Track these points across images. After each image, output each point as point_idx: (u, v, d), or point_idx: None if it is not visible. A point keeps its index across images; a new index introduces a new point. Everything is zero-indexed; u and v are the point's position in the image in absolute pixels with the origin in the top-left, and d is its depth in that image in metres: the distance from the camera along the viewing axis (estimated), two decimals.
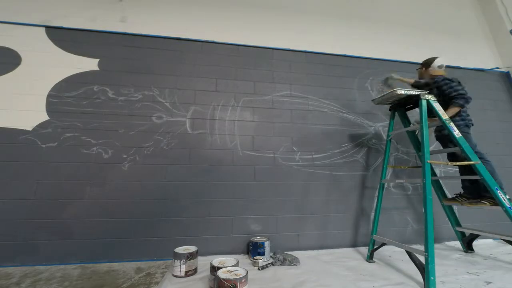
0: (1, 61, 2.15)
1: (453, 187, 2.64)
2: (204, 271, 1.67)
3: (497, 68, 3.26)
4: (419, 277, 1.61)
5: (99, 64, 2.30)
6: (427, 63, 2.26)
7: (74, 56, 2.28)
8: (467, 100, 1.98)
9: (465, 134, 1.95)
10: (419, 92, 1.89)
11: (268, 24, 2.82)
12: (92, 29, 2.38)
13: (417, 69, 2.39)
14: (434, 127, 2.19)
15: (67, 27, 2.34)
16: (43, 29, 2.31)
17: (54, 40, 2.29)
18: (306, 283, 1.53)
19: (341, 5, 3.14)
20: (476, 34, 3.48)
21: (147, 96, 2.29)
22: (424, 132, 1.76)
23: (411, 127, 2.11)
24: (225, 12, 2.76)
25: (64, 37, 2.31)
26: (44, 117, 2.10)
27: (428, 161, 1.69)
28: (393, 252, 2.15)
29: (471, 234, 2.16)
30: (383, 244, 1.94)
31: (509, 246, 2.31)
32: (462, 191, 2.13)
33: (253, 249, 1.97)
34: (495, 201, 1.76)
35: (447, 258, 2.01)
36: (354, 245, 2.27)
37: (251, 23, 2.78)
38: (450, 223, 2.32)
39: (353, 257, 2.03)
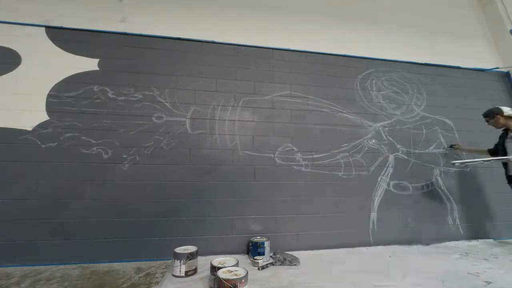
0: (1, 61, 2.15)
1: (453, 187, 2.65)
2: (204, 271, 1.67)
3: (497, 68, 3.26)
4: (420, 278, 1.61)
5: (99, 64, 2.30)
6: (499, 112, 2.26)
7: (74, 56, 2.28)
8: None
9: None
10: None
11: (268, 24, 2.82)
12: (92, 29, 2.37)
13: (488, 121, 2.36)
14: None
15: (67, 27, 2.34)
16: (43, 29, 2.31)
17: (54, 40, 2.29)
18: (306, 283, 1.53)
19: (341, 5, 3.14)
20: (476, 34, 3.48)
21: (147, 96, 2.29)
22: None
23: None
24: (225, 12, 2.76)
25: (64, 37, 2.31)
26: (44, 117, 2.09)
27: None
28: (393, 252, 2.15)
29: None
30: None
31: (509, 246, 2.32)
32: None
33: (253, 249, 1.97)
34: None
35: (448, 258, 2.01)
36: (354, 245, 2.27)
37: (251, 23, 2.77)
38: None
39: (353, 257, 2.03)
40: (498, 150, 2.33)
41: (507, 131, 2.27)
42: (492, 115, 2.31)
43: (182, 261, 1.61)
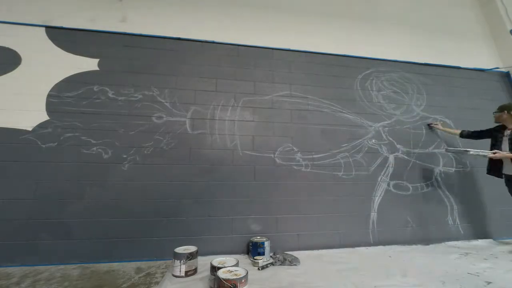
0: (1, 61, 2.15)
1: (453, 187, 2.65)
2: (204, 271, 1.67)
3: (497, 68, 3.26)
4: (420, 278, 1.61)
5: (99, 64, 2.30)
6: (507, 108, 2.27)
7: (74, 56, 2.28)
8: None
9: None
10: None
11: (268, 24, 2.82)
12: (92, 29, 2.37)
13: (494, 113, 2.37)
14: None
15: (67, 27, 2.34)
16: (43, 29, 2.30)
17: (54, 40, 2.29)
18: (306, 283, 1.53)
19: (341, 5, 3.14)
20: (476, 34, 3.48)
21: (147, 96, 2.29)
22: None
23: None
24: (225, 12, 2.76)
25: (64, 37, 2.31)
26: (44, 117, 2.09)
27: None
28: (393, 252, 2.15)
29: None
30: None
31: (509, 246, 2.32)
32: None
33: (253, 249, 1.97)
34: None
35: (448, 258, 2.01)
36: (354, 245, 2.27)
37: (251, 23, 2.77)
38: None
39: (353, 257, 2.03)
40: (481, 137, 2.47)
41: (504, 127, 2.29)
42: (500, 109, 2.32)
43: (182, 261, 1.61)
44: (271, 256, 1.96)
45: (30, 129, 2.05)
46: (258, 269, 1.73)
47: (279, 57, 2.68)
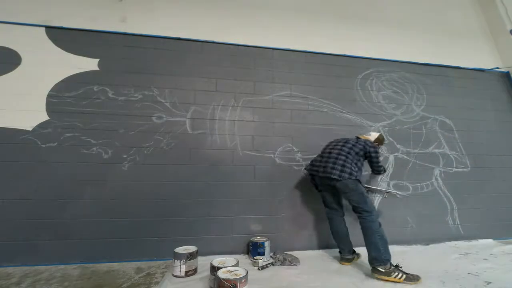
0: (1, 61, 2.15)
1: (453, 187, 2.65)
2: (204, 271, 1.67)
3: (497, 68, 3.26)
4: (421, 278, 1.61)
5: (99, 64, 2.30)
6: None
7: (74, 56, 2.28)
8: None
9: None
10: None
11: (268, 24, 2.82)
12: (92, 29, 2.37)
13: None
14: None
15: (67, 27, 2.34)
16: (43, 29, 2.30)
17: (54, 40, 2.29)
18: (306, 283, 1.53)
19: (341, 5, 3.14)
20: (476, 34, 3.48)
21: (147, 96, 2.29)
22: None
23: None
24: (225, 12, 2.75)
25: (64, 37, 2.31)
26: (44, 117, 2.09)
27: None
28: (393, 252, 2.14)
29: None
30: None
31: (509, 246, 2.31)
32: None
33: (253, 249, 1.97)
34: None
35: (447, 258, 2.01)
36: (354, 245, 2.26)
37: (251, 23, 2.77)
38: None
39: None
40: None
41: None
42: None
43: (182, 261, 1.61)
44: (271, 256, 1.96)
45: (30, 129, 2.05)
46: (258, 269, 1.73)
47: (279, 57, 2.68)
